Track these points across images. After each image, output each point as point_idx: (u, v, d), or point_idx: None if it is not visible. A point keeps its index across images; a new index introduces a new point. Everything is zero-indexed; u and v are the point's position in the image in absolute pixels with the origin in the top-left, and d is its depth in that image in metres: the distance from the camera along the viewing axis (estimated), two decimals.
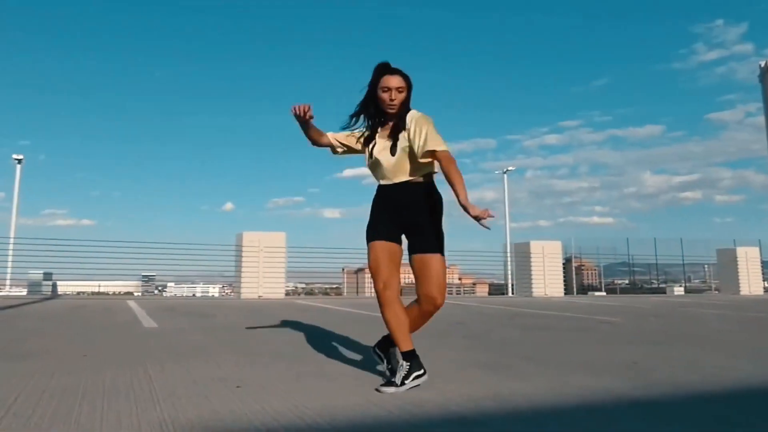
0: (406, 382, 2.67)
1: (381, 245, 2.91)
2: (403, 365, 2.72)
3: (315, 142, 3.14)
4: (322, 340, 4.58)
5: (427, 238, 2.91)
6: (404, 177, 2.92)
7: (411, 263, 2.95)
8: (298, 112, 2.96)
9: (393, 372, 2.83)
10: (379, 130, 3.02)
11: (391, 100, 2.91)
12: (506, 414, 2.32)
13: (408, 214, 2.92)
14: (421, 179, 2.93)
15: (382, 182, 2.99)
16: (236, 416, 2.21)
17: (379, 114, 3.01)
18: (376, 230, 2.95)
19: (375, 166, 3.00)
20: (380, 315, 2.87)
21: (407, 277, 3.34)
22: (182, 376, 2.98)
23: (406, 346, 2.78)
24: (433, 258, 2.88)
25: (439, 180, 2.98)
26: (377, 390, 2.66)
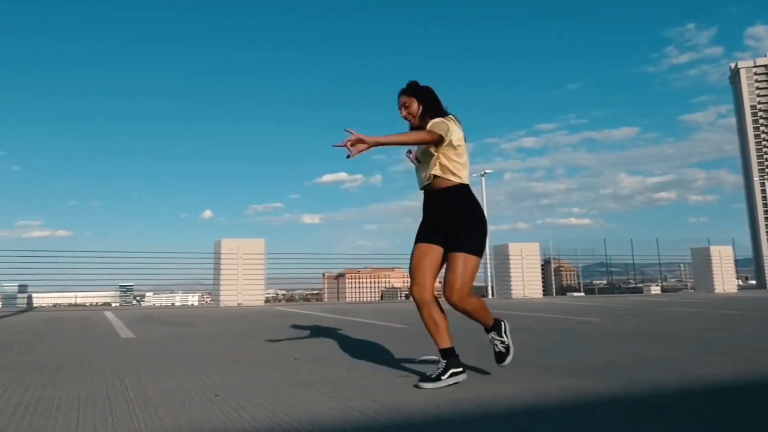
0: (442, 378, 2.84)
1: (418, 247, 3.07)
2: (441, 363, 2.91)
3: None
4: (301, 347, 4.56)
5: (454, 238, 3.00)
6: (427, 180, 3.07)
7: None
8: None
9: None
10: None
11: (404, 116, 3.18)
12: (486, 416, 2.32)
13: (436, 217, 3.06)
14: (443, 183, 3.04)
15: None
16: (213, 425, 2.18)
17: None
18: (418, 232, 3.13)
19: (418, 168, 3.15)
20: (361, 320, 2.87)
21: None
22: (159, 386, 2.94)
23: (443, 343, 2.98)
24: (453, 256, 2.98)
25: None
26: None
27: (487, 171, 31.95)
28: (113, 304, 18.34)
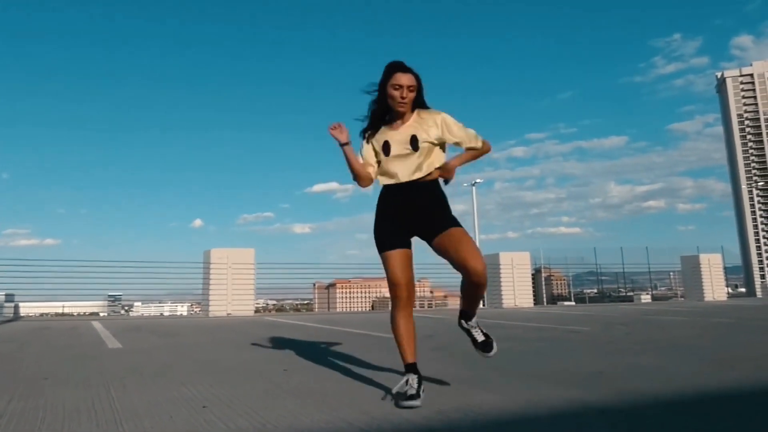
0: (420, 394, 2.64)
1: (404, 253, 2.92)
2: (412, 377, 2.72)
3: (359, 175, 2.96)
4: (291, 357, 4.53)
5: (445, 217, 2.93)
6: (420, 174, 2.91)
7: (439, 245, 2.93)
8: (335, 133, 2.91)
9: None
10: (384, 128, 2.98)
11: (402, 97, 2.88)
12: (474, 426, 2.31)
13: (419, 213, 2.90)
14: (430, 177, 2.93)
15: (392, 182, 2.93)
16: None
17: (386, 112, 2.98)
18: (388, 239, 2.92)
19: (389, 165, 2.94)
20: (351, 331, 2.85)
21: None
22: (146, 397, 2.91)
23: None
24: (459, 230, 2.91)
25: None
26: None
27: (478, 180, 32.05)
28: (101, 314, 18.17)
